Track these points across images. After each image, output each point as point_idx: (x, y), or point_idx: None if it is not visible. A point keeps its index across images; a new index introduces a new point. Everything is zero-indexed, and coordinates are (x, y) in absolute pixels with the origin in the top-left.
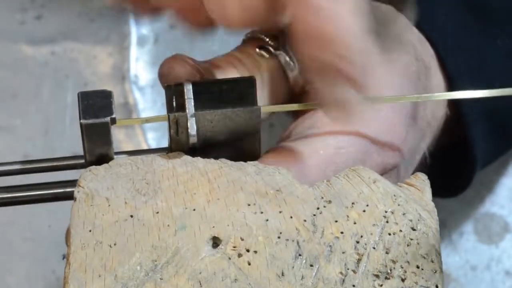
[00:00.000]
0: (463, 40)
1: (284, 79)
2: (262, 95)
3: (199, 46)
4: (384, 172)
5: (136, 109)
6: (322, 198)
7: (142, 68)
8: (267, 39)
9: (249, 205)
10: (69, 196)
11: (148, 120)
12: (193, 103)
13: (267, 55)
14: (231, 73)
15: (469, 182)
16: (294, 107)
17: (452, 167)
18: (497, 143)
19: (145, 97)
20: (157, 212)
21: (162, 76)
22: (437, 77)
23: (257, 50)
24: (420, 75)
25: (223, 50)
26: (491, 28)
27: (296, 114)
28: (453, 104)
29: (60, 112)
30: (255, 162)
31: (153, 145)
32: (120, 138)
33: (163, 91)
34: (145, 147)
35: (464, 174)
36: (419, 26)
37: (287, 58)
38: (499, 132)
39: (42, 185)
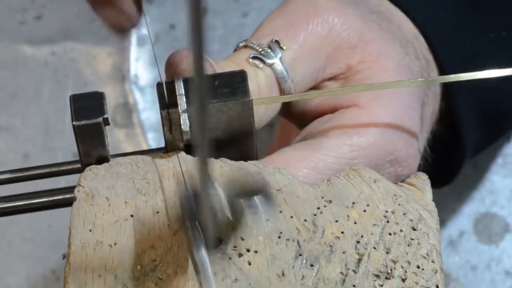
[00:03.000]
0: (456, 31)
1: (278, 89)
2: (257, 105)
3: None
4: (397, 181)
5: (136, 109)
6: (323, 198)
7: (142, 68)
8: (261, 50)
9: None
10: (70, 203)
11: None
12: (185, 99)
13: (260, 65)
14: None
15: (458, 172)
16: (286, 98)
17: (442, 156)
18: (486, 134)
19: (145, 97)
20: (157, 212)
21: (172, 64)
22: (434, 69)
23: (250, 60)
24: (423, 73)
25: (223, 50)
26: (485, 20)
27: (289, 115)
28: (445, 95)
29: (60, 112)
30: (256, 162)
31: (153, 145)
32: (120, 138)
33: None
34: (145, 147)
35: (454, 163)
36: (413, 18)
37: (281, 69)
38: (488, 123)
39: (42, 193)
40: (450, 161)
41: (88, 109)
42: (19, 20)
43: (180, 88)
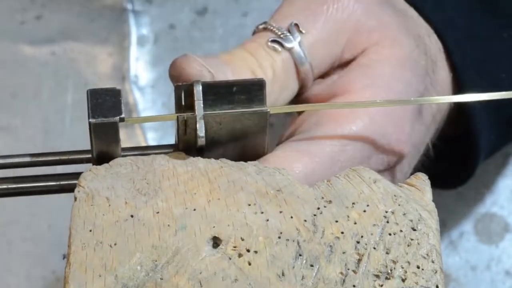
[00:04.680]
0: (470, 32)
1: (295, 73)
2: (272, 89)
3: (199, 45)
4: (389, 167)
5: (136, 109)
6: (323, 198)
7: (142, 68)
8: (280, 33)
9: (249, 205)
10: (73, 188)
11: (155, 119)
12: (202, 105)
13: (279, 49)
14: (242, 69)
15: (473, 173)
16: (302, 107)
17: (456, 157)
18: (501, 134)
19: (145, 97)
20: (158, 212)
21: (173, 77)
22: (443, 69)
23: (269, 43)
24: (428, 69)
25: (223, 50)
26: (499, 21)
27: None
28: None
29: (60, 112)
30: (256, 162)
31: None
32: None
33: (163, 91)
34: None
35: (468, 164)
36: (427, 17)
37: (300, 52)
38: (503, 123)
39: (48, 177)
40: (464, 163)
41: (105, 106)
42: (19, 20)
43: (198, 93)
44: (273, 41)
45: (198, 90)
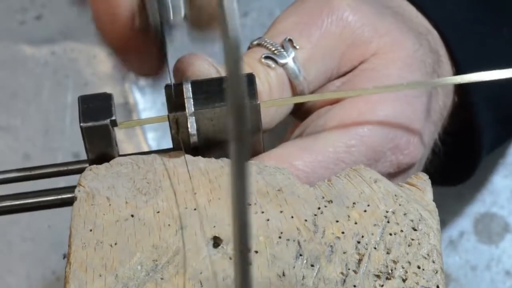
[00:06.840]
0: (471, 28)
1: (290, 89)
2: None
3: (199, 47)
4: (399, 170)
5: (136, 109)
6: (323, 198)
7: None
8: (274, 49)
9: (250, 204)
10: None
11: (148, 121)
12: (192, 102)
13: (273, 65)
14: None
15: (475, 170)
16: (294, 99)
17: (457, 154)
18: (503, 130)
19: (145, 97)
20: (158, 212)
21: (179, 70)
22: (447, 64)
23: (263, 60)
24: (435, 66)
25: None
26: (498, 17)
27: (298, 116)
28: (461, 92)
29: (60, 112)
30: (256, 162)
31: (153, 145)
32: (120, 138)
33: (163, 91)
34: (145, 146)
35: (470, 161)
36: (428, 15)
37: (294, 68)
38: (506, 120)
39: (49, 191)
40: (466, 159)
41: (96, 110)
42: (19, 20)
43: (187, 91)
44: (267, 57)
45: (187, 88)
